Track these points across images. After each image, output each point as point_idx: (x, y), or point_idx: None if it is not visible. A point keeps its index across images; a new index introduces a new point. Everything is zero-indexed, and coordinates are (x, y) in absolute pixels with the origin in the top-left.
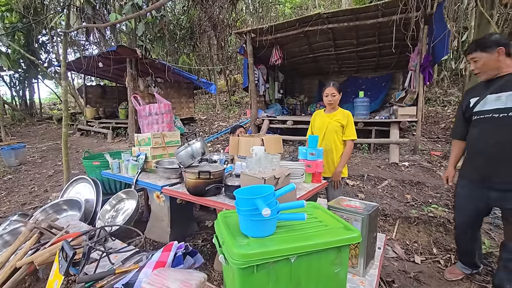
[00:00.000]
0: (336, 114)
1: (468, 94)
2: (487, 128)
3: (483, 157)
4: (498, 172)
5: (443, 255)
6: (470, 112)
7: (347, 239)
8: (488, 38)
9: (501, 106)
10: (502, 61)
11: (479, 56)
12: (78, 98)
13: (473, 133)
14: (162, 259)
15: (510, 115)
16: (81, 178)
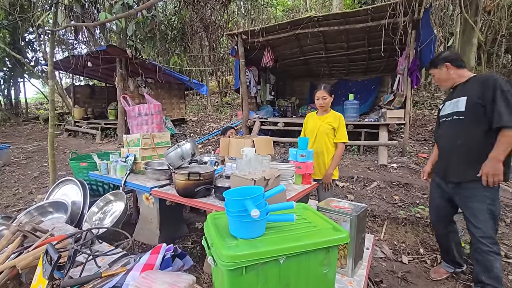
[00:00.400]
0: (327, 116)
1: (443, 101)
2: (444, 130)
3: (442, 155)
4: (451, 166)
5: (429, 255)
6: (438, 116)
7: (335, 239)
8: (438, 56)
9: (450, 111)
10: (453, 73)
11: (433, 71)
12: (66, 98)
13: (438, 134)
14: (150, 262)
15: (454, 118)
16: (67, 180)
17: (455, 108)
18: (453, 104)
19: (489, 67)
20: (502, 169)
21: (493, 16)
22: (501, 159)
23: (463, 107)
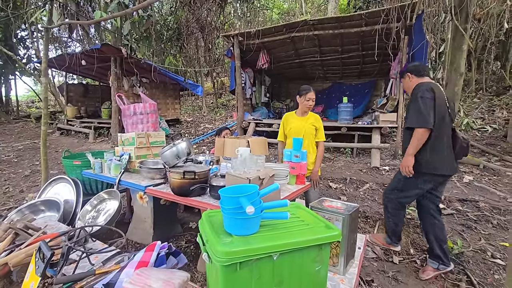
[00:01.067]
0: (309, 117)
1: None
2: None
3: None
4: None
5: (419, 255)
6: None
7: (327, 237)
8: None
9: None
10: (413, 81)
11: (402, 81)
12: (59, 96)
13: None
14: (144, 259)
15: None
16: (60, 178)
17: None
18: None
19: (479, 73)
20: (412, 162)
21: (483, 24)
22: (411, 153)
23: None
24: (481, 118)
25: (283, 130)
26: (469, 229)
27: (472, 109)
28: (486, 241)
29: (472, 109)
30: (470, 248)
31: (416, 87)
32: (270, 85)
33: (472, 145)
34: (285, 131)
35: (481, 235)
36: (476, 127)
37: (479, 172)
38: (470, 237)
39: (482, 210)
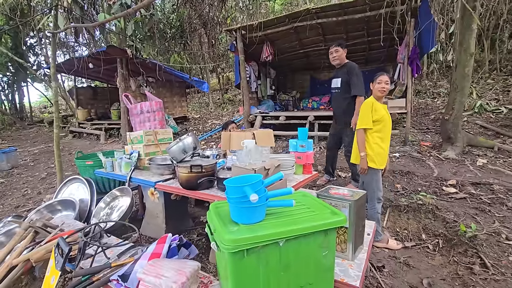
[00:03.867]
0: (385, 105)
1: None
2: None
3: (333, 111)
4: (336, 118)
5: (431, 240)
6: None
7: (332, 222)
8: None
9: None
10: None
11: (337, 52)
12: (69, 100)
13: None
14: (157, 251)
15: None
16: (74, 179)
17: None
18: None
19: (493, 53)
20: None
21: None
22: (357, 114)
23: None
24: (495, 100)
25: (380, 118)
26: (483, 212)
27: (486, 90)
28: (500, 223)
29: (486, 91)
30: (484, 231)
31: (350, 63)
32: (276, 77)
33: (486, 127)
34: (380, 119)
35: (495, 218)
36: (490, 108)
37: (494, 154)
38: (484, 220)
39: (496, 192)
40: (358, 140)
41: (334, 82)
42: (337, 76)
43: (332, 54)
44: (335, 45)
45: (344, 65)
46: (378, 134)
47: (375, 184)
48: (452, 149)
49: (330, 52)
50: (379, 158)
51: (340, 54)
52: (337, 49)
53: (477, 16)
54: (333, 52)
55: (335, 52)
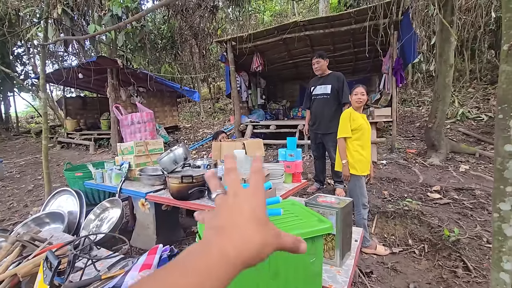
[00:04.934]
0: (364, 115)
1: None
2: (316, 103)
3: (315, 117)
4: (320, 125)
5: (417, 245)
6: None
7: (319, 230)
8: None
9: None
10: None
11: (320, 62)
12: (57, 110)
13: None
14: (147, 262)
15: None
16: (63, 190)
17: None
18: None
19: (473, 63)
20: None
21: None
22: None
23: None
24: (476, 107)
25: (357, 126)
26: (465, 217)
27: (467, 99)
28: (481, 227)
29: (467, 99)
30: (466, 235)
31: (336, 72)
32: (266, 87)
33: (468, 134)
34: (358, 128)
35: (477, 222)
36: (472, 116)
37: (475, 160)
38: (466, 225)
39: (478, 197)
40: (340, 149)
41: (322, 88)
42: (325, 83)
43: (314, 65)
44: (316, 56)
45: (330, 74)
46: (357, 142)
47: (359, 190)
48: (436, 156)
49: (313, 63)
50: (360, 165)
51: (322, 64)
52: (318, 60)
53: (454, 30)
54: (315, 63)
55: (316, 63)
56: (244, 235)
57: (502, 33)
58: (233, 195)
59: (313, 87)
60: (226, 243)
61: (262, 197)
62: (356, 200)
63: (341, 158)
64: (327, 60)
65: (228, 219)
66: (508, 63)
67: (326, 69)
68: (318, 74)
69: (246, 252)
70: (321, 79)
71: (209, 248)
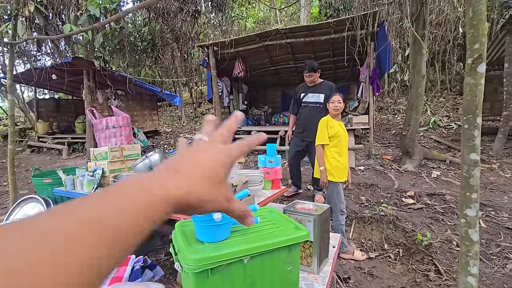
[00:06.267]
0: (341, 122)
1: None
2: (308, 111)
3: (305, 125)
4: (310, 133)
5: (393, 250)
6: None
7: (296, 237)
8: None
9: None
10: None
11: (313, 75)
12: (28, 113)
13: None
14: (118, 274)
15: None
16: (30, 198)
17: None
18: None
19: (444, 74)
20: None
21: (441, 29)
22: None
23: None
24: (447, 116)
25: (336, 133)
26: (437, 221)
27: (438, 108)
28: (452, 231)
29: (438, 108)
30: (438, 239)
31: (327, 81)
32: (248, 92)
33: (439, 141)
34: (337, 135)
35: (447, 226)
36: (443, 124)
37: (446, 167)
38: (438, 229)
39: (448, 202)
40: (318, 156)
41: (315, 97)
42: (318, 91)
43: (307, 79)
44: (307, 70)
45: (322, 82)
46: (335, 149)
47: (337, 197)
48: (411, 162)
49: (305, 76)
50: (338, 172)
51: (314, 77)
52: (310, 74)
53: (426, 43)
54: (307, 76)
55: (309, 76)
56: (193, 184)
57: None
58: (206, 145)
59: (304, 94)
60: (170, 181)
61: (231, 159)
62: (334, 206)
63: (319, 165)
64: (319, 72)
65: (186, 166)
66: (472, 76)
67: (318, 79)
68: (312, 85)
69: (187, 197)
70: (312, 87)
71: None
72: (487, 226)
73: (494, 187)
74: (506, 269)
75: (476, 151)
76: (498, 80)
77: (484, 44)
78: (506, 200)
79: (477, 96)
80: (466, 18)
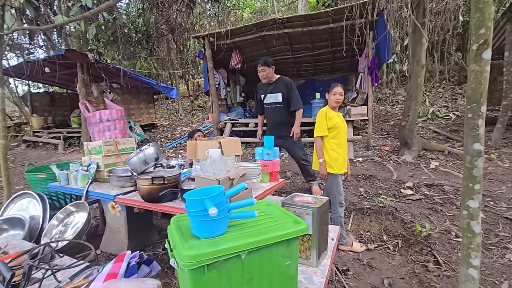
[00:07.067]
0: (340, 113)
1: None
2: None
3: (271, 126)
4: (279, 132)
5: (392, 241)
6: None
7: (295, 231)
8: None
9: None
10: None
11: (267, 70)
12: (23, 107)
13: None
14: (113, 271)
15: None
16: (24, 194)
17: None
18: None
19: (443, 64)
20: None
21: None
22: (299, 125)
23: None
24: (445, 107)
25: (335, 124)
26: (436, 212)
27: (437, 98)
28: (450, 222)
29: (437, 99)
30: (437, 230)
31: (285, 78)
32: (245, 84)
33: (438, 132)
34: (336, 126)
35: (446, 217)
36: (441, 115)
37: (444, 157)
38: (437, 220)
39: (447, 193)
40: (317, 148)
41: (273, 97)
42: (275, 91)
43: (260, 73)
44: (260, 64)
45: (278, 80)
46: (334, 140)
47: (335, 189)
48: (409, 153)
49: (258, 71)
50: (337, 164)
51: (268, 72)
52: (263, 68)
53: (425, 31)
54: (260, 71)
55: (262, 71)
56: None
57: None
58: None
59: (263, 95)
60: None
61: None
62: (333, 198)
63: (318, 157)
64: (273, 67)
65: None
66: (477, 63)
67: (273, 75)
68: (266, 82)
69: None
70: (270, 86)
71: None
72: (486, 217)
73: (493, 177)
74: (505, 259)
75: (480, 141)
76: (497, 70)
77: (490, 29)
78: (504, 190)
79: (481, 84)
80: (472, 1)
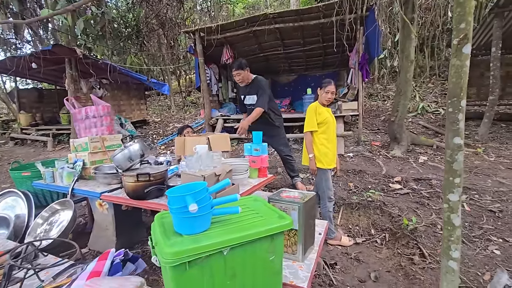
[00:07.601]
0: (329, 109)
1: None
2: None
3: (255, 126)
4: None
5: (379, 235)
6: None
7: (279, 227)
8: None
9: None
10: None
11: (242, 73)
12: (10, 104)
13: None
14: (96, 269)
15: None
16: (9, 192)
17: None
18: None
19: (433, 60)
20: (247, 126)
21: (431, 13)
22: (250, 121)
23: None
24: (435, 102)
25: (318, 120)
26: (422, 205)
27: (427, 93)
28: (436, 215)
29: (427, 94)
30: (423, 223)
31: (258, 77)
32: None
33: (427, 127)
34: (326, 121)
35: (432, 210)
36: (431, 110)
37: (433, 152)
38: (423, 213)
39: (434, 187)
40: (306, 143)
41: (251, 99)
42: (251, 93)
43: (236, 77)
44: (234, 68)
45: (254, 81)
46: (323, 135)
47: (325, 184)
48: (398, 148)
49: (234, 75)
50: (326, 159)
51: (243, 75)
52: (238, 72)
53: (415, 27)
54: (235, 75)
55: (237, 75)
56: None
57: None
58: None
59: (243, 96)
60: None
61: None
62: (322, 193)
63: (307, 152)
64: (247, 69)
65: None
66: (458, 57)
67: (249, 76)
68: (244, 85)
69: None
70: (247, 88)
71: None
72: (470, 209)
73: (479, 171)
74: (487, 251)
75: (460, 135)
76: (485, 65)
77: (470, 24)
78: (489, 184)
79: (462, 78)
80: None
